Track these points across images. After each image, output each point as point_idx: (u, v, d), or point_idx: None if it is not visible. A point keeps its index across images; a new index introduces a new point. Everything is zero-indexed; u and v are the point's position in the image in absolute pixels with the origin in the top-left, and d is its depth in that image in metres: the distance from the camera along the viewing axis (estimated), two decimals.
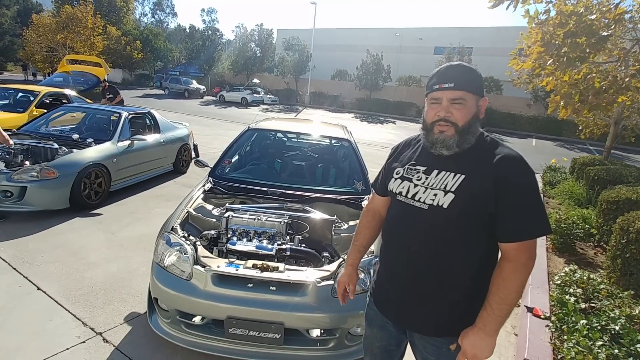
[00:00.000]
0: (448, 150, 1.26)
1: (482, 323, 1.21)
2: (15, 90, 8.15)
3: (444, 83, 1.25)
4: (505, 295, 1.18)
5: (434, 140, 1.28)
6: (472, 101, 1.26)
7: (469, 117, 1.25)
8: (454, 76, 1.25)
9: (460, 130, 1.24)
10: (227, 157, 3.68)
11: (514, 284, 1.18)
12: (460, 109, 1.25)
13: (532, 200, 1.19)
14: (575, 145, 19.17)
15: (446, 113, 1.25)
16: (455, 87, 1.24)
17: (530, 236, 1.18)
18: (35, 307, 2.72)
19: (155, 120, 6.38)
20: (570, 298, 2.92)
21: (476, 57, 30.83)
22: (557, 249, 4.37)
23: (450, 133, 1.25)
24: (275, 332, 2.10)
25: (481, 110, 1.30)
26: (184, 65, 40.03)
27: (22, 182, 4.07)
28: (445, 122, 1.25)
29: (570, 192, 6.57)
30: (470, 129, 1.26)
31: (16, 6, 41.42)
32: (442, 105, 1.26)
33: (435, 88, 1.28)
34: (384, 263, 1.48)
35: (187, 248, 2.31)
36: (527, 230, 1.18)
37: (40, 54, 23.80)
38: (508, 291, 1.18)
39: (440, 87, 1.26)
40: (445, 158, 1.29)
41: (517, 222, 1.17)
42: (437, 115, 1.27)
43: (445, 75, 1.27)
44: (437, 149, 1.28)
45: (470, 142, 1.26)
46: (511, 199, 1.18)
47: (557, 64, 4.08)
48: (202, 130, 12.11)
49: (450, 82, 1.24)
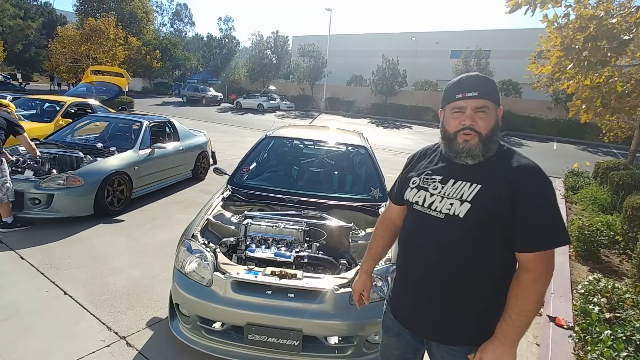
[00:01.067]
0: (473, 159, 1.27)
1: (502, 335, 1.20)
2: (42, 101, 8.48)
3: (467, 92, 1.26)
4: (524, 306, 1.17)
5: (458, 149, 1.28)
6: (493, 110, 1.28)
7: (492, 126, 1.27)
8: (476, 85, 1.27)
9: (484, 139, 1.25)
10: (245, 165, 3.74)
11: (533, 295, 1.17)
12: (484, 117, 1.26)
13: (549, 210, 1.18)
14: (598, 149, 18.65)
15: (471, 122, 1.26)
16: (479, 95, 1.25)
17: (547, 247, 1.18)
18: (62, 311, 2.82)
19: (175, 128, 6.53)
20: (594, 307, 2.85)
21: (494, 60, 30.40)
22: (580, 256, 4.26)
23: (475, 142, 1.25)
24: (294, 339, 2.12)
25: (499, 119, 1.31)
26: (202, 73, 40.85)
27: (49, 189, 4.24)
28: (471, 130, 1.26)
29: (593, 198, 6.40)
30: (493, 137, 1.27)
31: (41, 18, 43.16)
32: (466, 114, 1.27)
33: (458, 97, 1.28)
34: (400, 271, 1.49)
35: (207, 255, 2.36)
36: (544, 240, 1.17)
37: (65, 65, 24.71)
38: (527, 302, 1.17)
39: (464, 96, 1.27)
40: (460, 167, 1.30)
41: (534, 233, 1.17)
42: (461, 124, 1.27)
43: (468, 85, 1.28)
44: (461, 159, 1.29)
45: (492, 151, 1.27)
46: (528, 209, 1.17)
47: (577, 68, 4.01)
48: (219, 137, 12.31)
49: (474, 91, 1.26)
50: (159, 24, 57.68)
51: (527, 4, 3.76)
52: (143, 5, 39.31)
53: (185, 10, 61.53)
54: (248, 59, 36.02)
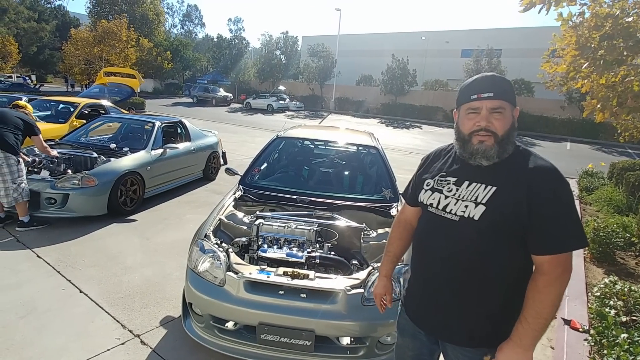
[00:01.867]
0: (488, 160, 1.25)
1: (518, 337, 1.19)
2: (57, 102, 8.64)
3: (482, 93, 1.24)
4: (540, 309, 1.16)
5: (473, 151, 1.26)
6: (510, 111, 1.26)
7: (508, 127, 1.24)
8: (492, 86, 1.25)
9: (500, 140, 1.23)
10: (256, 165, 3.76)
11: (549, 298, 1.16)
12: (500, 118, 1.24)
13: (566, 212, 1.16)
14: (613, 149, 18.30)
15: (487, 123, 1.24)
16: (495, 96, 1.23)
17: (564, 249, 1.16)
18: (77, 309, 2.87)
19: (186, 128, 6.59)
20: (610, 311, 2.80)
21: (505, 59, 30.05)
22: (595, 258, 4.19)
23: (490, 143, 1.23)
24: (306, 339, 2.13)
25: (515, 120, 1.29)
26: (212, 73, 41.15)
27: (64, 189, 4.31)
28: (486, 132, 1.24)
29: (609, 199, 6.29)
30: (509, 139, 1.25)
31: (55, 21, 43.94)
32: (481, 115, 1.25)
33: (473, 98, 1.26)
34: (415, 273, 1.49)
35: (220, 255, 2.38)
36: (561, 243, 1.16)
37: (79, 67, 25.12)
38: (543, 305, 1.16)
39: (479, 96, 1.25)
40: (475, 169, 1.29)
41: (550, 235, 1.16)
42: (476, 125, 1.26)
43: (483, 85, 1.26)
44: (476, 160, 1.27)
45: (508, 152, 1.25)
46: (544, 211, 1.16)
47: (593, 67, 3.94)
48: (229, 137, 12.39)
49: (489, 92, 1.23)
50: (169, 26, 58.37)
51: (541, 2, 3.71)
52: (154, 7, 39.74)
53: (196, 12, 62.11)
54: (257, 60, 36.18)
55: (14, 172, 3.99)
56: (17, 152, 4.04)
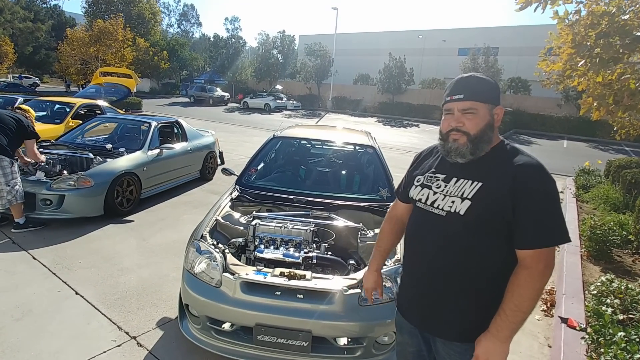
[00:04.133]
0: (462, 158, 1.31)
1: (496, 329, 1.22)
2: (53, 103, 8.58)
3: (454, 95, 1.31)
4: (519, 302, 1.18)
5: (449, 148, 1.34)
6: (484, 110, 1.30)
7: (482, 126, 1.29)
8: (464, 87, 1.31)
9: (473, 139, 1.28)
10: (253, 165, 3.75)
11: (529, 292, 1.18)
12: (472, 118, 1.29)
13: (549, 207, 1.19)
14: (610, 147, 18.38)
15: (457, 123, 1.31)
16: (465, 97, 1.29)
17: (546, 244, 1.19)
18: (74, 311, 2.85)
19: (183, 129, 6.56)
20: (607, 309, 2.80)
21: (502, 58, 30.09)
22: (592, 256, 4.20)
23: (462, 141, 1.29)
24: (303, 340, 2.12)
25: (497, 119, 1.33)
26: (209, 73, 41.04)
27: (60, 190, 4.28)
28: (457, 131, 1.30)
29: (605, 197, 6.30)
30: (483, 138, 1.29)
31: (51, 21, 43.69)
32: (454, 116, 1.32)
33: (447, 100, 1.34)
34: (406, 269, 1.53)
35: (216, 256, 2.37)
36: (543, 237, 1.18)
37: (75, 67, 25.00)
38: (522, 298, 1.18)
39: (451, 98, 1.32)
40: (462, 166, 1.33)
41: (533, 229, 1.18)
42: (450, 125, 1.33)
43: (456, 87, 1.32)
44: (452, 157, 1.34)
45: (484, 150, 1.30)
46: (528, 206, 1.19)
47: (589, 65, 3.95)
48: (226, 136, 12.36)
49: (460, 94, 1.30)
50: (166, 25, 58.16)
51: (537, 1, 3.71)
52: (150, 6, 39.61)
53: (192, 11, 61.98)
54: (255, 59, 36.13)
55: (7, 175, 3.94)
56: (10, 154, 4.00)
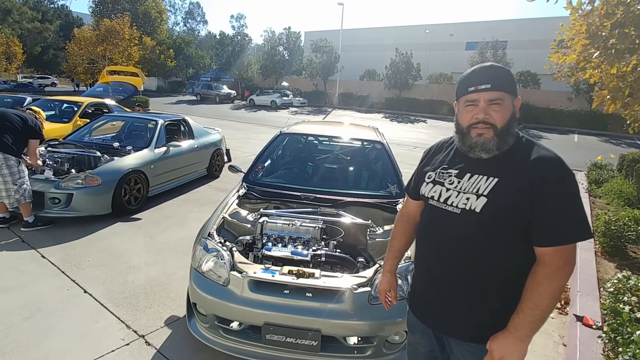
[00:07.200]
0: (487, 153, 1.22)
1: (514, 327, 1.16)
2: (61, 102, 8.64)
3: (480, 84, 1.22)
4: (538, 301, 1.13)
5: (472, 144, 1.24)
6: (509, 101, 1.23)
7: (508, 118, 1.22)
8: (489, 77, 1.22)
9: (500, 132, 1.21)
10: (260, 162, 3.71)
11: (548, 290, 1.13)
12: (499, 110, 1.21)
13: (569, 203, 1.13)
14: (622, 140, 18.04)
15: (485, 115, 1.21)
16: (493, 87, 1.21)
17: (567, 241, 1.13)
18: (82, 310, 2.85)
19: (189, 126, 6.55)
20: (624, 307, 2.72)
21: (511, 51, 29.68)
22: (606, 252, 4.11)
23: (489, 135, 1.21)
24: (312, 339, 2.08)
25: (516, 110, 1.26)
26: (215, 71, 41.15)
27: (68, 189, 4.29)
28: (484, 124, 1.21)
29: (619, 191, 6.17)
30: (509, 130, 1.22)
31: (58, 21, 44.05)
32: (479, 107, 1.22)
33: (470, 90, 1.24)
34: (418, 268, 1.47)
35: (223, 254, 2.34)
36: (563, 234, 1.12)
37: (82, 66, 25.18)
38: (541, 297, 1.13)
39: (477, 88, 1.22)
40: (478, 161, 1.26)
41: (552, 226, 1.12)
42: (474, 118, 1.23)
43: (480, 77, 1.23)
44: (475, 153, 1.25)
45: (509, 144, 1.23)
46: (547, 202, 1.13)
47: (604, 56, 3.84)
48: (233, 134, 12.36)
49: (487, 83, 1.21)
50: (172, 23, 58.36)
51: None
52: (157, 5, 39.79)
53: (198, 9, 62.06)
54: (260, 56, 36.11)
55: (14, 174, 3.95)
56: (17, 154, 3.99)
